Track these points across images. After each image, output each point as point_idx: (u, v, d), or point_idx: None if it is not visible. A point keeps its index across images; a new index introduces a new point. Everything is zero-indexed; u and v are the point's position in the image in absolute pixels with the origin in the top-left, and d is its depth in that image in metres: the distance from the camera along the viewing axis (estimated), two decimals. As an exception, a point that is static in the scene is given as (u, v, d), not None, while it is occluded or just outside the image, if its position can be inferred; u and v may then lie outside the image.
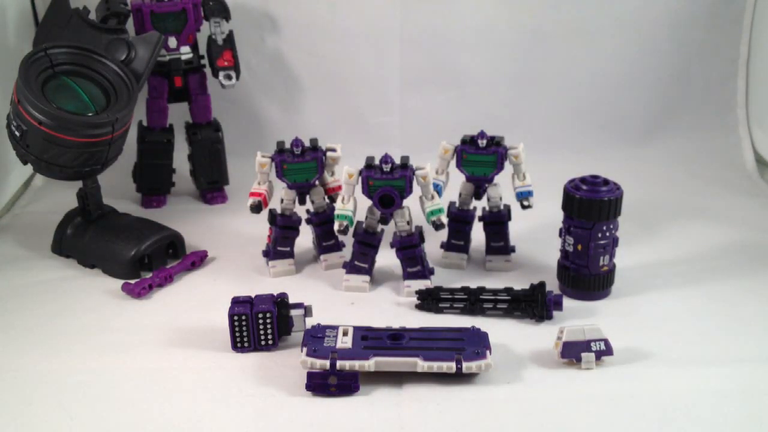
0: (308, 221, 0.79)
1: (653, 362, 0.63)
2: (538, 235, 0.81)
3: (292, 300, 0.65)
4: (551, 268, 0.75)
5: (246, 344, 0.64)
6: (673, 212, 0.92)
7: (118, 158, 0.79)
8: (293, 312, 0.65)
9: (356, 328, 0.63)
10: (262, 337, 0.64)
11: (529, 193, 0.76)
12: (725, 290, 0.74)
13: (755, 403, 0.58)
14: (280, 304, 0.65)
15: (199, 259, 0.80)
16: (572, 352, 0.62)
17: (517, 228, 0.80)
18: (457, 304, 0.70)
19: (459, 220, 0.79)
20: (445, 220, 0.73)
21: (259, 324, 0.64)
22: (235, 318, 0.64)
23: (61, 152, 0.73)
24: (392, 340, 0.62)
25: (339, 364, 0.58)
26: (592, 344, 0.62)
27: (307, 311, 0.65)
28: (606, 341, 0.62)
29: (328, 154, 0.76)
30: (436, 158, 0.77)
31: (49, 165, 0.75)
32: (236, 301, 0.65)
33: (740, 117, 1.11)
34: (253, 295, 0.66)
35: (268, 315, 0.64)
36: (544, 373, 0.62)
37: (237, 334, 0.64)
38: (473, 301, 0.70)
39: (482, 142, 0.75)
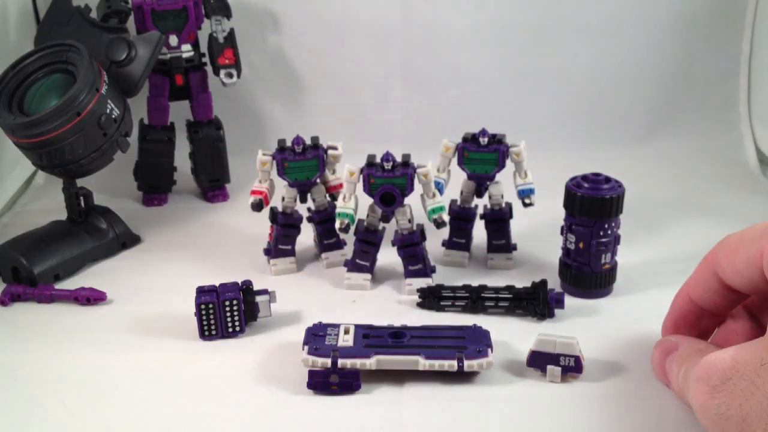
0: (309, 219, 0.79)
1: (655, 360, 0.63)
2: (540, 232, 0.81)
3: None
4: (553, 266, 0.75)
5: (213, 332, 0.65)
6: (675, 210, 0.92)
7: (119, 156, 0.79)
8: (259, 298, 0.66)
9: (357, 327, 0.63)
10: (229, 325, 0.65)
11: (531, 191, 0.76)
12: (727, 288, 0.74)
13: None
14: (245, 291, 0.66)
15: (87, 300, 0.72)
16: (539, 362, 0.59)
17: (519, 226, 0.80)
18: (458, 302, 0.70)
19: (460, 218, 0.79)
20: (446, 218, 0.73)
21: (226, 312, 0.65)
22: (203, 307, 0.65)
23: (25, 153, 0.75)
24: (393, 339, 0.61)
25: (340, 362, 0.58)
26: (562, 359, 0.59)
27: (272, 297, 0.67)
28: (577, 358, 0.58)
29: (330, 152, 0.75)
30: (437, 156, 0.77)
31: (43, 167, 0.77)
32: (201, 291, 0.66)
33: (742, 114, 1.10)
34: (217, 284, 0.67)
35: (234, 302, 0.65)
36: (546, 371, 0.61)
37: (204, 323, 0.65)
38: (475, 299, 0.70)
39: (484, 140, 0.75)
